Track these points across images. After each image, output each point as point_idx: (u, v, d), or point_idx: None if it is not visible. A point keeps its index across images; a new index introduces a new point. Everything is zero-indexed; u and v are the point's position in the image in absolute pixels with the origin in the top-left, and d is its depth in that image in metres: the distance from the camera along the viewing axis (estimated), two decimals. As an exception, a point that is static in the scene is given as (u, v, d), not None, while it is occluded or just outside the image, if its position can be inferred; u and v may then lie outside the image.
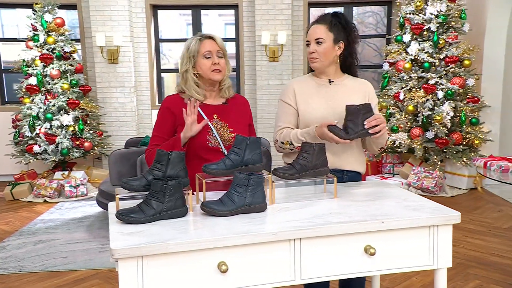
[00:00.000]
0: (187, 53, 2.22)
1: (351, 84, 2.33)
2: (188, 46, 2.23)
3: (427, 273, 3.46)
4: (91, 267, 3.68)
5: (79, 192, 5.75)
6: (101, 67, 6.43)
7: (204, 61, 2.20)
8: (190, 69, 2.23)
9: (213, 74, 2.21)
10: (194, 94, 2.23)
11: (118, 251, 1.50)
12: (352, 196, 2.03)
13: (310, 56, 2.26)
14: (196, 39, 2.22)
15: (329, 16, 2.27)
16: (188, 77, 2.23)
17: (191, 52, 2.21)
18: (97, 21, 6.38)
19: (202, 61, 2.20)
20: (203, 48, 2.20)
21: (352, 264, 1.72)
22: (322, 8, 7.09)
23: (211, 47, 2.21)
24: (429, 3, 5.55)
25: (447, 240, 1.77)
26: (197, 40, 2.21)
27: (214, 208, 1.78)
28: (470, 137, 5.55)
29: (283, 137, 2.27)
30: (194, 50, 2.21)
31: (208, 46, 2.20)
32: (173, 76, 7.42)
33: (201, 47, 2.20)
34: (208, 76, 2.22)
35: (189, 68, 2.23)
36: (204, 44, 2.20)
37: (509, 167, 3.06)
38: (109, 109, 6.50)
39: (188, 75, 2.23)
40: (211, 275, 1.61)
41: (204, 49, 2.20)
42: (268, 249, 1.65)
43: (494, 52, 5.90)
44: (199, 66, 2.22)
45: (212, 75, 2.21)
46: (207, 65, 2.20)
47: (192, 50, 2.21)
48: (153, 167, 1.86)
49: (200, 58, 2.20)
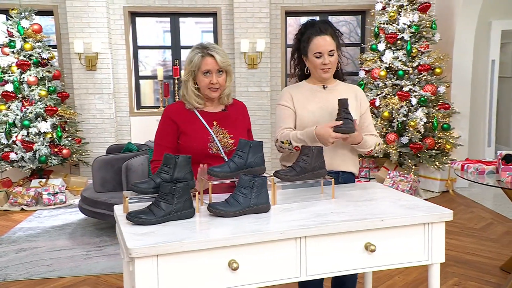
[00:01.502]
0: (189, 65, 2.27)
1: (343, 89, 2.46)
2: (191, 59, 2.26)
3: (408, 272, 3.61)
4: (77, 273, 3.67)
5: (58, 199, 5.69)
6: (79, 74, 6.39)
7: (203, 78, 2.25)
8: (190, 80, 2.28)
9: (209, 91, 2.27)
10: (194, 103, 2.29)
11: (135, 250, 1.55)
12: (349, 196, 2.14)
13: (324, 67, 2.34)
14: (199, 55, 2.24)
15: (327, 25, 2.37)
16: (188, 86, 2.29)
17: (192, 66, 2.26)
18: (74, 27, 6.34)
19: (201, 78, 2.26)
20: (203, 66, 2.24)
21: (354, 261, 1.83)
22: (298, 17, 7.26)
23: (211, 66, 2.24)
24: (402, 14, 5.78)
25: (440, 236, 1.90)
26: (199, 56, 2.24)
27: (221, 209, 1.86)
28: (442, 142, 5.78)
29: (283, 137, 2.35)
30: (195, 65, 2.25)
31: (208, 64, 2.24)
32: (150, 83, 7.43)
33: (202, 64, 2.23)
34: (205, 93, 2.28)
35: (190, 79, 2.28)
36: (205, 62, 2.23)
37: (485, 169, 3.24)
38: (87, 116, 6.45)
39: (189, 85, 2.28)
40: (222, 272, 1.68)
41: (204, 67, 2.24)
42: (276, 247, 1.73)
43: (462, 61, 6.17)
44: (198, 81, 2.28)
45: (209, 93, 2.28)
46: (206, 82, 2.25)
47: (193, 65, 2.25)
48: (161, 170, 1.92)
49: (200, 74, 2.25)
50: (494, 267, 3.70)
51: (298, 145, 2.30)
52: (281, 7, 6.79)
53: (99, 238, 4.49)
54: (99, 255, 4.04)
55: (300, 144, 2.30)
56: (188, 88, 2.29)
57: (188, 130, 2.27)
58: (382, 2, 5.96)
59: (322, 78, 2.40)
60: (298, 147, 2.31)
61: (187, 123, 2.28)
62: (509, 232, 4.55)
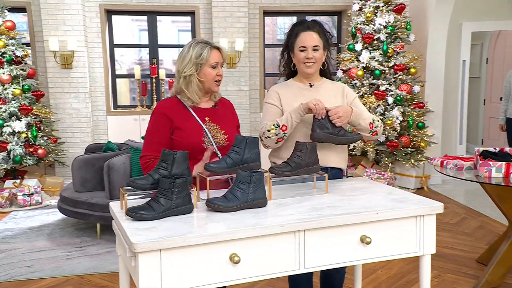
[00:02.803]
0: (195, 58, 2.23)
1: (329, 87, 2.52)
2: (199, 52, 2.24)
3: (391, 266, 3.70)
4: (60, 274, 3.62)
5: (34, 200, 5.57)
6: (54, 72, 6.27)
7: (210, 71, 2.25)
8: (194, 75, 2.25)
9: (215, 84, 2.29)
10: (195, 97, 2.28)
11: (139, 245, 1.56)
12: (341, 191, 2.20)
13: (307, 62, 2.39)
14: (208, 48, 2.24)
15: (316, 23, 2.43)
16: (192, 80, 2.26)
17: (202, 59, 2.23)
18: (49, 25, 6.22)
19: (208, 70, 2.25)
20: (212, 59, 2.24)
21: (350, 253, 1.88)
22: (275, 17, 7.32)
23: (219, 58, 2.27)
24: (378, 15, 5.90)
25: (431, 228, 1.97)
26: (208, 49, 2.24)
27: (219, 204, 1.88)
28: (416, 140, 5.93)
29: (268, 126, 2.38)
30: (205, 58, 2.23)
31: (216, 57, 2.26)
32: (126, 81, 7.35)
33: (210, 56, 2.24)
34: (209, 86, 2.28)
35: (194, 73, 2.25)
36: (213, 54, 2.25)
37: (464, 165, 3.35)
38: (63, 115, 6.34)
39: (193, 79, 2.25)
40: (223, 266, 1.70)
41: (213, 59, 2.24)
42: (275, 241, 1.76)
43: (435, 61, 6.35)
44: (203, 73, 2.25)
45: (214, 86, 2.29)
46: (212, 75, 2.26)
47: (202, 58, 2.23)
48: (159, 166, 1.92)
49: (207, 67, 2.25)
50: (470, 259, 3.83)
51: (284, 124, 2.33)
52: (259, 7, 6.83)
53: (79, 238, 4.42)
54: (81, 255, 3.99)
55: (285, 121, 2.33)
56: (192, 83, 2.26)
57: (183, 126, 2.27)
58: (358, 3, 6.07)
59: (305, 73, 2.46)
60: (286, 126, 2.33)
61: (181, 119, 2.29)
62: (482, 226, 4.71)
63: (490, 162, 3.13)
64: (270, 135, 2.36)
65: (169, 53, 7.41)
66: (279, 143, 2.40)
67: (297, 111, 2.32)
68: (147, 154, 2.29)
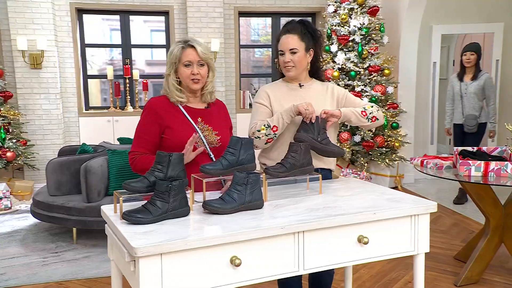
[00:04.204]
0: (169, 58, 2.26)
1: (318, 87, 2.52)
2: (171, 51, 2.27)
3: (372, 265, 3.74)
4: (36, 281, 3.49)
5: (2, 205, 5.37)
6: (23, 72, 6.06)
7: (184, 70, 2.25)
8: (172, 74, 2.27)
9: (191, 83, 2.27)
10: (176, 97, 2.27)
11: (140, 249, 1.51)
12: (334, 191, 2.20)
13: (285, 66, 2.39)
14: (179, 47, 2.25)
15: (298, 25, 2.42)
16: (169, 80, 2.28)
17: (173, 58, 2.26)
18: (16, 23, 6.01)
19: (182, 69, 2.26)
20: (184, 57, 2.24)
21: (348, 253, 1.88)
22: (249, 18, 7.31)
23: (192, 57, 2.24)
24: (353, 17, 5.97)
25: (425, 227, 1.99)
26: (179, 48, 2.25)
27: (216, 206, 1.85)
28: (391, 140, 6.03)
29: (258, 126, 2.36)
30: (175, 57, 2.25)
31: (189, 55, 2.24)
32: (97, 82, 7.18)
33: (182, 55, 2.24)
34: (187, 84, 2.28)
35: (171, 73, 2.27)
36: (185, 53, 2.24)
37: (443, 164, 3.42)
38: (32, 116, 6.13)
39: (170, 79, 2.28)
40: (224, 269, 1.67)
41: (185, 58, 2.24)
42: (275, 243, 1.75)
43: (408, 62, 6.49)
44: (179, 73, 2.27)
45: (191, 84, 2.27)
46: (187, 74, 2.25)
47: (173, 57, 2.26)
48: (154, 168, 1.88)
49: (181, 66, 2.25)
50: (448, 257, 3.92)
51: (275, 124, 2.33)
52: (234, 7, 6.80)
53: (54, 243, 4.28)
54: (57, 261, 3.87)
55: (276, 123, 2.33)
56: (170, 82, 2.28)
57: (173, 124, 2.24)
58: (333, 4, 6.13)
59: (287, 76, 2.45)
60: (276, 126, 2.33)
61: (172, 117, 2.26)
62: (456, 224, 4.83)
63: (470, 161, 3.20)
64: (260, 135, 2.34)
65: (142, 53, 7.29)
66: (269, 144, 2.39)
67: (288, 112, 2.32)
68: (135, 150, 2.28)
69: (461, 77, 5.42)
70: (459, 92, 5.44)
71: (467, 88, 5.36)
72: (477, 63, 5.30)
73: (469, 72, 5.35)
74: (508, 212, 3.41)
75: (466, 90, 5.37)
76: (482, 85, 5.28)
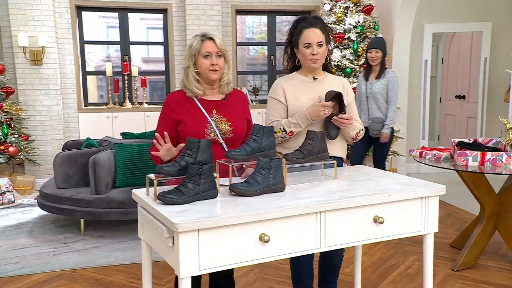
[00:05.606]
0: (189, 51, 2.38)
1: (332, 81, 2.67)
2: (191, 44, 2.39)
3: (372, 252, 3.91)
4: (49, 269, 3.59)
5: (6, 199, 5.44)
6: (23, 69, 6.12)
7: (204, 61, 2.37)
8: (191, 66, 2.39)
9: (210, 73, 2.38)
10: (194, 89, 2.39)
11: (181, 225, 1.64)
12: (349, 177, 2.35)
13: (313, 58, 2.52)
14: (198, 39, 2.37)
15: (318, 20, 2.57)
16: (189, 73, 2.39)
17: (193, 50, 2.37)
18: (17, 20, 6.06)
19: (201, 61, 2.37)
20: (203, 49, 2.35)
21: (364, 232, 2.03)
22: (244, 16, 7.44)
23: (211, 48, 2.36)
24: (348, 15, 6.15)
25: (435, 209, 2.15)
26: (199, 40, 2.37)
27: (242, 189, 1.99)
28: (385, 135, 6.21)
29: (275, 126, 2.52)
30: (195, 49, 2.37)
31: (208, 47, 2.36)
32: (94, 79, 7.23)
33: (202, 47, 2.36)
34: (206, 75, 2.39)
35: (191, 65, 2.39)
36: (204, 45, 2.36)
37: (441, 155, 3.60)
38: (33, 112, 6.19)
39: (190, 72, 2.39)
40: (254, 245, 1.81)
41: (204, 49, 2.35)
42: (299, 222, 1.89)
43: (401, 60, 6.68)
44: (199, 64, 2.38)
45: (210, 74, 2.39)
46: (206, 65, 2.37)
47: (193, 49, 2.37)
48: (184, 154, 2.01)
49: (200, 57, 2.37)
50: (444, 244, 4.10)
51: (292, 130, 2.50)
52: (231, 5, 6.93)
53: (62, 235, 4.38)
54: (68, 251, 3.97)
55: (294, 129, 2.49)
56: (189, 74, 2.38)
57: (186, 118, 2.36)
58: (329, 3, 6.29)
59: (311, 68, 2.59)
60: (292, 132, 2.50)
61: (186, 111, 2.38)
62: (450, 214, 5.03)
63: (467, 152, 3.38)
64: (275, 136, 2.50)
65: (138, 50, 7.38)
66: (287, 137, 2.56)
67: (305, 121, 2.50)
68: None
69: (367, 76, 5.03)
70: (365, 92, 4.98)
71: (372, 88, 4.92)
72: (383, 61, 4.92)
73: (374, 70, 4.96)
74: (502, 200, 3.60)
75: (371, 90, 4.93)
76: (387, 84, 4.86)
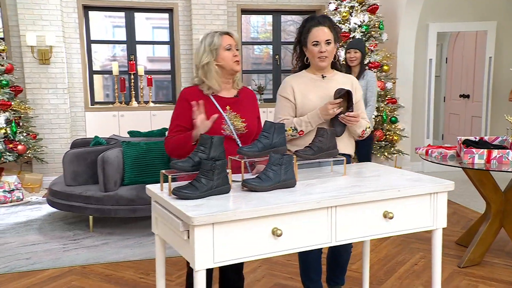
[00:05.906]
0: (208, 46, 2.41)
1: (340, 79, 2.70)
2: (210, 40, 2.42)
3: (379, 249, 3.95)
4: (60, 265, 3.64)
5: (15, 197, 5.49)
6: (31, 68, 6.17)
7: (226, 53, 2.42)
8: (212, 61, 2.41)
9: (234, 64, 2.44)
10: (214, 84, 2.42)
11: (197, 218, 1.69)
12: (358, 174, 2.39)
13: (321, 56, 2.56)
14: (218, 34, 2.43)
15: (326, 18, 2.61)
16: (210, 68, 2.41)
17: (214, 45, 2.41)
18: (25, 19, 6.12)
19: (224, 54, 2.42)
20: (224, 42, 2.42)
21: (374, 227, 2.07)
22: (249, 15, 7.48)
23: (231, 41, 2.44)
24: (353, 14, 6.18)
25: (443, 204, 2.19)
26: (218, 35, 2.42)
27: (255, 184, 2.03)
28: (390, 134, 6.25)
29: (286, 126, 2.56)
30: (217, 44, 2.41)
31: (228, 40, 2.44)
32: (100, 78, 7.28)
33: (223, 41, 2.42)
34: (230, 67, 2.44)
35: (211, 60, 2.41)
36: (224, 39, 2.43)
37: (447, 153, 3.63)
38: (40, 111, 6.25)
39: (211, 67, 2.41)
40: (267, 239, 1.85)
41: (225, 42, 2.42)
42: (311, 216, 1.93)
43: (405, 59, 6.72)
44: (221, 58, 2.42)
45: (234, 66, 2.44)
46: (229, 57, 2.43)
47: (214, 44, 2.41)
48: (197, 150, 2.05)
49: (222, 50, 2.42)
50: (450, 241, 4.13)
51: (303, 129, 2.54)
52: (237, 5, 6.97)
53: (71, 232, 4.43)
54: (78, 247, 4.02)
55: (305, 128, 2.53)
56: (211, 70, 2.41)
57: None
58: (334, 2, 6.33)
59: (319, 66, 2.63)
60: (303, 131, 2.54)
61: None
62: (455, 213, 5.06)
63: (473, 150, 3.41)
64: (285, 135, 2.54)
65: (144, 49, 7.43)
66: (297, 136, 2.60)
67: (316, 120, 2.55)
68: (169, 135, 2.47)
69: None
70: None
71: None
72: (362, 62, 4.87)
73: (353, 71, 4.87)
74: (508, 198, 3.63)
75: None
76: (366, 85, 4.79)
